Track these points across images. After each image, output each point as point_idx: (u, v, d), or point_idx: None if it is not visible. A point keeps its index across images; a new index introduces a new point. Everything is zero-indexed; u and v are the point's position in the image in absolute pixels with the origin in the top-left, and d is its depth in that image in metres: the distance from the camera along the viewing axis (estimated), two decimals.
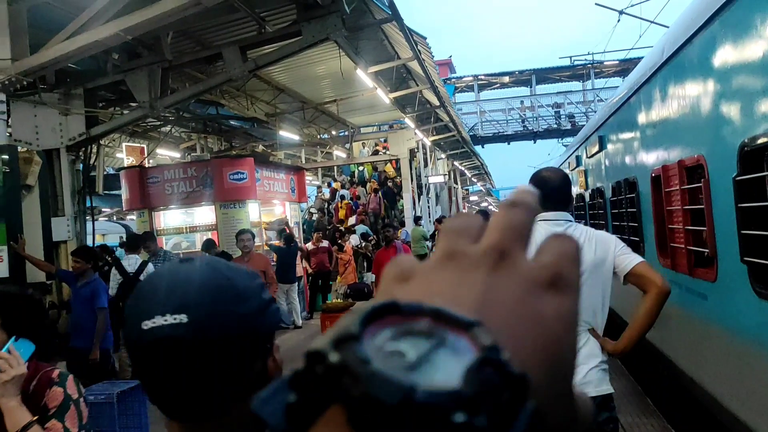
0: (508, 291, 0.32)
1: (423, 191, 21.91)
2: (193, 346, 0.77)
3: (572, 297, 0.33)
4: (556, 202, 2.81)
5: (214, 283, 0.81)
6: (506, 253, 0.33)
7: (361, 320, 0.26)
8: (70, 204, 8.34)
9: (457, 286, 0.32)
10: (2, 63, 6.23)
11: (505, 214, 0.36)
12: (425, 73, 11.81)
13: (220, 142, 16.74)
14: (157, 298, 0.79)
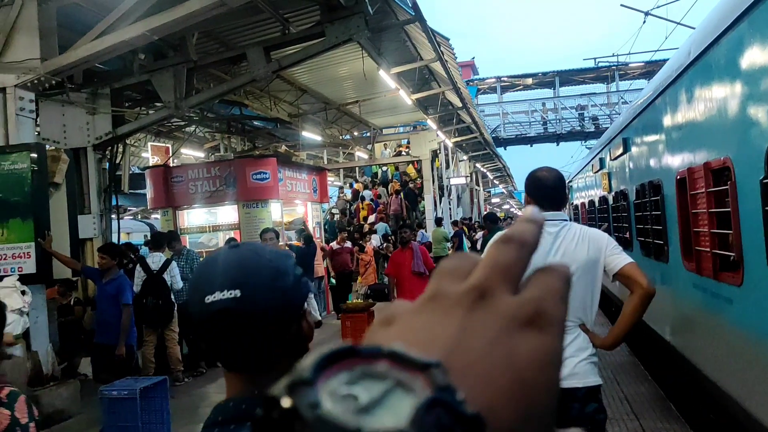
0: (482, 331, 0.31)
1: (444, 193, 21.87)
2: (245, 315, 0.97)
3: (553, 335, 0.33)
4: (551, 202, 2.89)
5: (258, 264, 1.02)
6: (487, 293, 0.33)
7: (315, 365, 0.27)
8: (96, 202, 8.47)
9: (431, 328, 0.32)
10: (32, 62, 6.34)
11: (495, 251, 0.35)
12: (448, 74, 11.80)
13: (244, 143, 16.87)
14: (216, 278, 1.00)
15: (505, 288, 0.33)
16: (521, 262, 0.35)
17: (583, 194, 14.41)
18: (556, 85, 36.18)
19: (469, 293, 0.33)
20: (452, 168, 23.33)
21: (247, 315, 0.97)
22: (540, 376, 0.31)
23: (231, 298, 0.97)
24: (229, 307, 0.97)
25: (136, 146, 15.04)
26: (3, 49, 6.39)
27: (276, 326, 1.00)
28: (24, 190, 6.26)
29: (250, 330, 0.98)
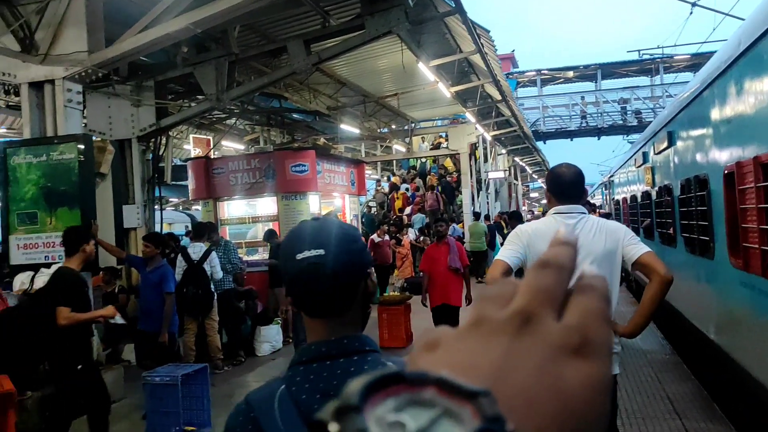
0: (529, 358, 0.31)
1: (482, 187, 21.71)
2: (327, 268, 1.19)
3: (600, 363, 0.32)
4: (570, 195, 3.01)
5: (336, 231, 1.25)
6: (531, 318, 0.33)
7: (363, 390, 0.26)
8: (140, 192, 8.66)
9: (477, 354, 0.32)
10: (79, 55, 6.49)
11: (534, 276, 0.35)
12: (487, 66, 11.68)
13: (283, 135, 17.02)
14: (305, 240, 1.23)
15: (548, 313, 0.33)
16: (561, 286, 0.35)
17: (624, 189, 14.14)
18: (598, 78, 35.53)
19: (513, 319, 0.33)
20: (490, 162, 23.14)
21: (328, 268, 1.19)
22: (588, 405, 0.31)
23: (317, 255, 1.20)
24: (315, 261, 1.20)
25: (178, 138, 15.30)
26: (52, 42, 6.55)
27: (349, 280, 1.23)
28: (71, 180, 6.42)
29: (330, 281, 1.20)
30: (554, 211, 3.06)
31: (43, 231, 6.47)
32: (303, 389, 1.15)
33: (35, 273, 6.30)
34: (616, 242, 2.92)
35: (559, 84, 37.40)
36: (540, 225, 3.10)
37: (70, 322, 4.46)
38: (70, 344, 4.60)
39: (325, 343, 1.19)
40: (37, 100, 6.59)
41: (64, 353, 4.56)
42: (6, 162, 6.54)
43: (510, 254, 3.00)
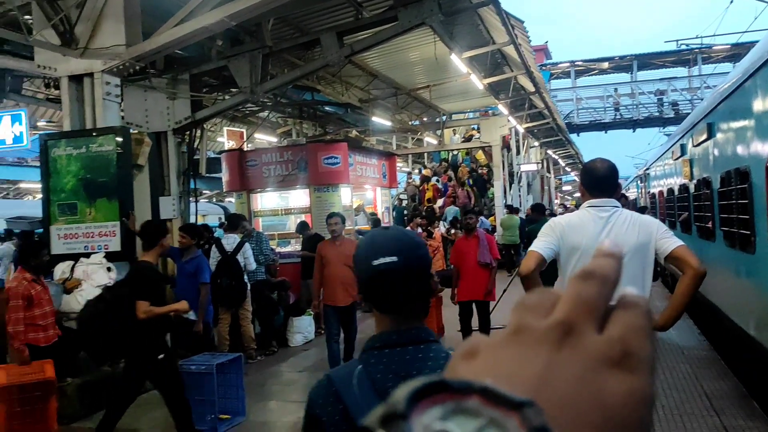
0: (571, 369, 0.31)
1: (515, 180, 21.53)
2: (400, 272, 1.39)
3: (643, 375, 0.32)
4: (604, 189, 3.05)
5: (407, 239, 1.46)
6: (572, 329, 0.33)
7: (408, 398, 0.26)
8: (175, 184, 8.78)
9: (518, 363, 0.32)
10: (117, 49, 6.60)
11: (577, 287, 0.35)
12: (521, 58, 11.56)
13: (315, 128, 17.09)
14: (380, 248, 1.41)
15: (590, 325, 0.33)
16: (604, 299, 0.34)
17: (661, 182, 13.89)
18: (634, 69, 34.91)
19: (554, 329, 0.33)
20: (523, 154, 22.92)
21: (401, 272, 1.39)
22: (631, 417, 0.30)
23: (391, 261, 1.38)
24: (390, 267, 1.38)
25: (212, 131, 15.47)
26: (91, 36, 6.67)
27: (418, 281, 1.42)
28: (110, 172, 6.55)
29: (403, 283, 1.39)
30: (588, 205, 3.09)
31: (83, 222, 6.62)
32: (378, 369, 1.36)
33: (75, 263, 6.46)
34: (649, 236, 2.95)
35: (594, 75, 36.85)
36: (573, 218, 3.14)
37: (149, 315, 4.59)
38: (153, 335, 4.73)
39: (396, 333, 1.41)
40: (76, 93, 6.73)
41: (146, 344, 4.68)
42: (47, 154, 6.69)
43: (544, 246, 3.04)
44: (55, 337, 5.67)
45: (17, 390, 5.19)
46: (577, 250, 3.00)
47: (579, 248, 2.99)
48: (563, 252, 3.05)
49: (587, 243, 2.96)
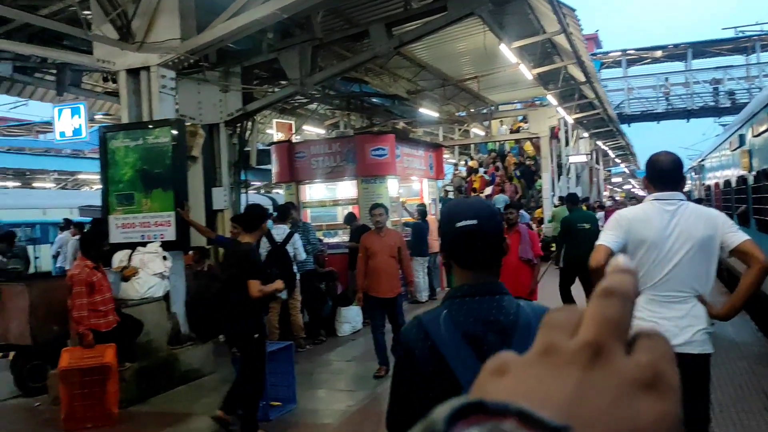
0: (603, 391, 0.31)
1: (563, 171, 21.19)
2: (478, 233, 1.62)
3: (672, 401, 0.32)
4: (667, 182, 3.10)
5: (484, 206, 1.72)
6: (602, 350, 0.32)
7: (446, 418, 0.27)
8: (226, 175, 8.95)
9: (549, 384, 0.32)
10: (173, 43, 6.74)
11: (600, 305, 0.34)
12: (572, 47, 11.35)
13: (362, 119, 17.14)
14: (462, 212, 1.65)
15: (618, 345, 0.33)
16: (628, 317, 0.34)
17: (717, 174, 13.46)
18: (689, 57, 33.86)
19: (584, 350, 0.33)
20: (572, 145, 22.53)
21: (479, 233, 1.62)
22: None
23: (471, 223, 1.62)
24: (470, 228, 1.62)
25: (261, 123, 15.68)
26: (147, 30, 6.83)
27: (493, 241, 1.66)
28: (165, 163, 6.71)
29: (481, 242, 1.62)
30: (653, 198, 3.11)
31: (140, 211, 6.81)
32: (460, 313, 1.59)
33: (132, 251, 6.66)
34: (714, 229, 2.98)
35: (647, 64, 35.89)
36: (639, 211, 3.17)
37: (262, 294, 4.82)
38: (255, 314, 4.94)
39: (474, 285, 1.64)
40: (133, 86, 6.91)
41: (248, 322, 4.87)
42: (106, 145, 6.90)
43: (612, 239, 3.07)
44: (114, 323, 5.86)
45: (79, 373, 5.40)
46: (644, 244, 3.02)
47: (646, 242, 3.02)
48: (630, 245, 3.06)
49: (654, 236, 3.00)
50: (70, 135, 9.86)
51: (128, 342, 6.07)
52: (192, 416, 5.72)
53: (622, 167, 47.71)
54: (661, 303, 3.03)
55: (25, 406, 6.21)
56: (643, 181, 3.33)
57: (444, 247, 1.72)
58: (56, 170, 24.87)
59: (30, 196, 20.12)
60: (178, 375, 6.66)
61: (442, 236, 1.72)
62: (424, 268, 11.46)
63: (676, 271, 2.99)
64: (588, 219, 9.07)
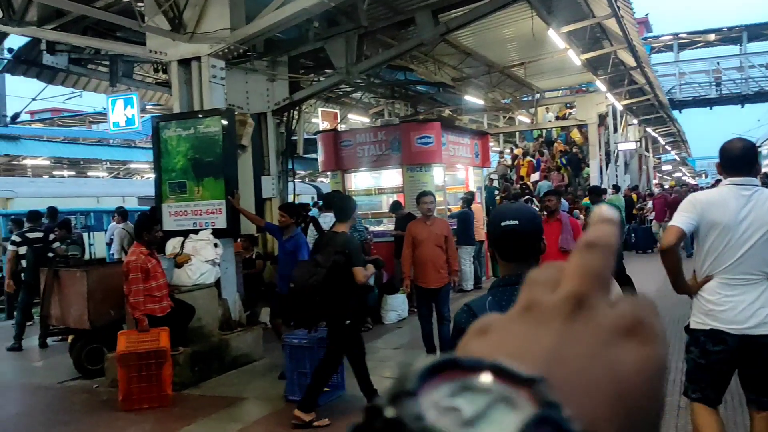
0: (583, 342, 0.31)
1: (611, 159, 20.76)
2: (520, 232, 1.92)
3: (656, 345, 0.32)
4: (741, 168, 3.13)
5: (525, 209, 2.14)
6: (583, 302, 0.32)
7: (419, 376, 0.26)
8: (274, 164, 9.06)
9: (530, 339, 0.32)
10: (223, 33, 6.84)
11: (582, 257, 0.34)
12: (623, 31, 11.08)
13: (407, 108, 17.10)
14: (507, 213, 2.02)
15: (600, 296, 0.33)
16: (609, 267, 0.34)
17: None
18: (744, 40, 32.69)
19: (565, 303, 0.32)
20: (620, 132, 22.04)
21: (519, 232, 1.93)
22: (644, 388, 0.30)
23: (514, 224, 1.94)
24: (513, 227, 1.94)
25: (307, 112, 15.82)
26: (198, 20, 6.93)
27: (532, 240, 1.98)
28: (216, 152, 6.83)
29: (521, 239, 1.94)
30: (729, 182, 3.15)
31: (191, 200, 6.95)
32: (503, 299, 1.86)
33: (185, 239, 6.81)
34: None
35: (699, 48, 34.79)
36: (714, 194, 3.22)
37: (366, 280, 5.10)
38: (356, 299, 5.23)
39: (516, 275, 1.90)
40: (185, 76, 7.03)
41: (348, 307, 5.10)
42: (158, 135, 7.05)
43: (685, 221, 3.11)
44: (168, 308, 6.01)
45: (136, 356, 5.57)
46: (718, 227, 3.06)
47: (720, 224, 3.05)
48: (702, 228, 3.11)
49: (728, 220, 3.03)
50: (123, 125, 10.13)
51: (181, 327, 6.22)
52: (243, 400, 5.84)
53: (672, 154, 46.47)
54: (734, 286, 3.05)
55: (84, 388, 6.44)
56: (716, 167, 3.39)
57: (490, 242, 2.07)
58: (108, 159, 25.58)
59: (84, 185, 20.75)
60: (229, 360, 6.80)
61: (489, 233, 2.06)
62: (470, 256, 11.40)
63: (749, 255, 3.01)
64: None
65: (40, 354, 8.20)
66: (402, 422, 0.25)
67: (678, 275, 3.23)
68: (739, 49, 33.20)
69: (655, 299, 0.36)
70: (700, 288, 3.19)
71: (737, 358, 3.12)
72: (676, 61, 33.51)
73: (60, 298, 6.85)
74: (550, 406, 0.26)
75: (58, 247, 9.01)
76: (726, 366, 3.17)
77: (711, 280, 3.15)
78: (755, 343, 3.03)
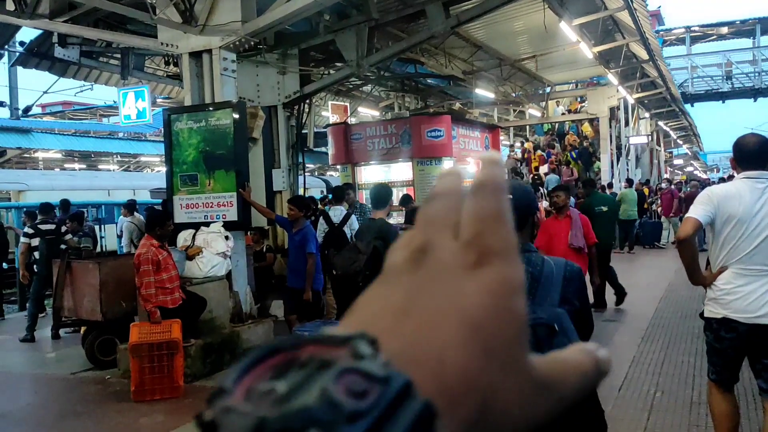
0: (427, 286, 0.31)
1: (622, 153, 20.64)
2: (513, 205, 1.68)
3: (501, 264, 0.31)
4: (755, 162, 3.25)
5: (519, 186, 2.63)
6: (426, 248, 0.32)
7: (235, 373, 0.26)
8: (285, 157, 9.05)
9: (381, 302, 0.32)
10: (234, 25, 6.82)
11: (423, 209, 0.34)
12: (636, 23, 10.99)
13: (417, 101, 17.06)
14: None
15: (445, 236, 0.32)
16: (453, 207, 0.33)
17: None
18: (757, 33, 32.40)
19: (411, 256, 0.32)
20: (632, 126, 21.90)
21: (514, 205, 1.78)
22: (493, 310, 0.30)
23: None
24: None
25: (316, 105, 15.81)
26: (209, 13, 6.92)
27: (526, 212, 2.14)
28: (227, 144, 6.83)
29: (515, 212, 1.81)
30: (744, 176, 3.26)
31: (203, 192, 6.96)
32: None
33: (196, 231, 6.83)
34: None
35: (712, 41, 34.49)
36: (730, 188, 3.33)
37: None
38: None
39: None
40: (196, 69, 7.03)
41: None
42: (170, 127, 7.07)
43: (702, 212, 3.23)
44: (180, 300, 6.04)
45: (147, 347, 5.59)
46: (734, 218, 3.16)
47: (735, 216, 3.16)
48: (718, 219, 3.22)
49: (743, 212, 3.14)
50: (135, 118, 10.17)
51: (193, 319, 6.25)
52: None
53: (684, 148, 46.16)
54: (747, 276, 3.17)
55: (97, 379, 6.48)
56: (730, 161, 3.51)
57: None
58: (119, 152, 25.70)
59: (96, 178, 20.86)
60: (241, 352, 6.81)
61: None
62: None
63: (764, 246, 3.13)
64: (606, 202, 9.40)
65: (53, 345, 8.26)
66: (214, 421, 0.25)
67: (695, 266, 3.34)
68: (752, 42, 32.90)
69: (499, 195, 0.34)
70: (715, 279, 3.29)
71: (748, 345, 3.25)
72: (688, 54, 33.23)
73: (73, 290, 6.89)
74: (361, 357, 0.26)
75: (70, 239, 9.06)
76: (738, 352, 3.31)
77: (725, 270, 3.25)
78: (765, 332, 3.16)
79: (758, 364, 3.29)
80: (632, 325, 7.71)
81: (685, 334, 7.13)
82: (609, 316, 8.25)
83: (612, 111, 19.00)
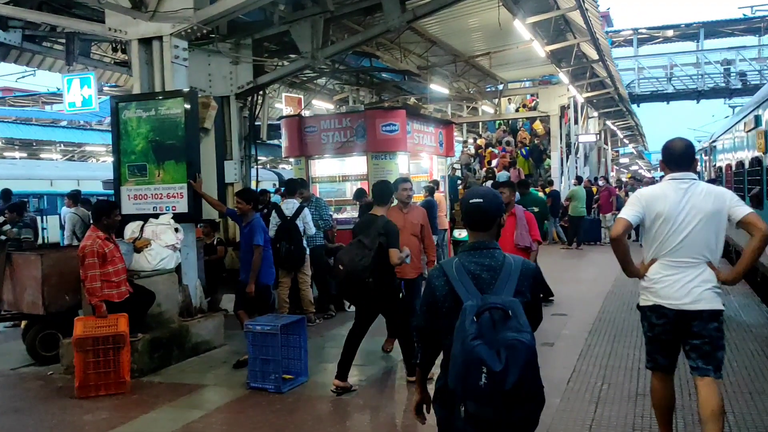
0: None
1: (572, 151, 21.07)
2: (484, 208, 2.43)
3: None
4: (681, 164, 3.57)
5: (490, 192, 2.52)
6: None
7: None
8: (237, 149, 8.90)
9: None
10: (186, 12, 6.64)
11: None
12: (587, 23, 11.21)
13: (371, 95, 17.03)
14: (475, 193, 2.50)
15: None
16: None
17: (729, 156, 13.34)
18: (701, 37, 33.48)
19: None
20: (581, 125, 22.38)
21: (483, 208, 2.42)
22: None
23: (479, 201, 2.43)
24: (478, 204, 2.43)
25: (270, 97, 15.61)
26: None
27: (494, 215, 2.43)
28: (178, 135, 6.66)
29: (485, 214, 2.42)
30: (669, 178, 3.58)
31: (152, 183, 6.78)
32: (467, 261, 2.36)
33: (144, 223, 6.64)
34: (722, 204, 3.44)
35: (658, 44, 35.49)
36: (657, 189, 3.65)
37: (400, 262, 5.43)
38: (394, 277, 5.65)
39: (479, 243, 2.41)
40: (146, 56, 6.83)
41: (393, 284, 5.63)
42: (118, 116, 6.85)
43: (632, 213, 3.58)
44: (126, 294, 5.87)
45: (92, 342, 5.42)
46: (661, 217, 3.49)
47: (662, 215, 3.48)
48: (647, 218, 3.55)
49: (669, 210, 3.46)
50: (80, 106, 9.83)
51: (140, 313, 6.08)
52: (204, 387, 5.75)
53: (630, 148, 47.46)
54: (674, 267, 3.49)
55: (38, 375, 6.25)
56: (659, 163, 3.80)
57: (462, 216, 2.50)
58: (63, 141, 24.84)
59: (38, 167, 20.12)
60: (190, 347, 6.68)
61: (462, 208, 2.50)
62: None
63: (688, 240, 3.44)
64: (537, 203, 10.12)
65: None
66: None
67: (627, 260, 3.64)
68: (696, 45, 33.98)
69: None
70: (647, 270, 3.62)
71: (677, 329, 3.55)
72: (635, 56, 34.11)
73: (13, 283, 6.61)
74: None
75: (8, 230, 8.71)
76: (670, 336, 3.60)
77: (656, 262, 3.58)
78: (690, 317, 3.47)
79: (687, 346, 3.57)
80: (580, 319, 7.88)
81: (630, 327, 7.33)
82: (558, 310, 8.41)
83: (562, 109, 19.36)
